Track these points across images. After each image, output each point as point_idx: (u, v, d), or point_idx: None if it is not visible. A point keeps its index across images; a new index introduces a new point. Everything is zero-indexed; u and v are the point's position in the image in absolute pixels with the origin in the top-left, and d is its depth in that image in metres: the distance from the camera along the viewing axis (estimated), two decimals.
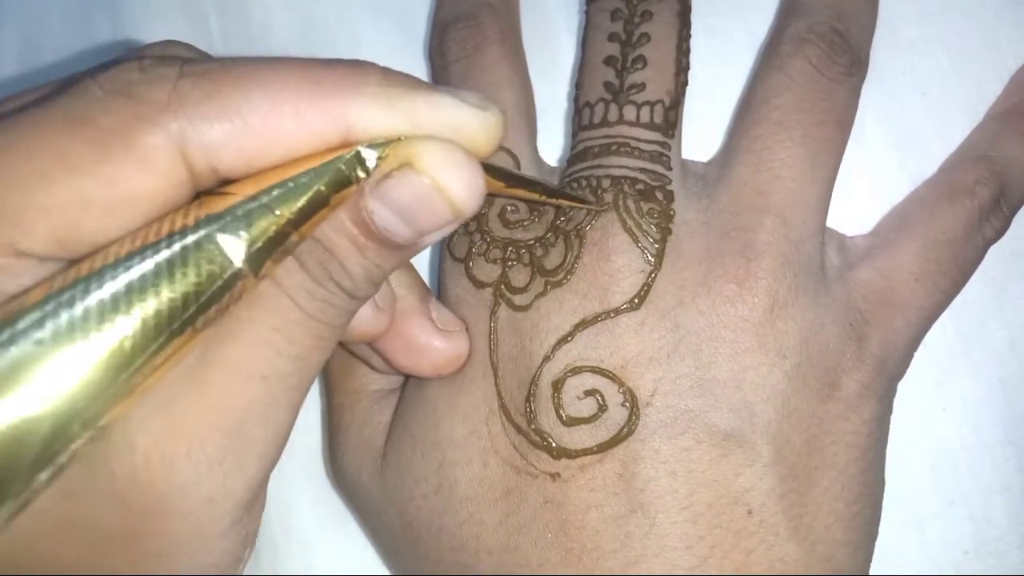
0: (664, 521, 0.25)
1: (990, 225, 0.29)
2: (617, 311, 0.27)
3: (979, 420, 0.31)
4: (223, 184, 0.20)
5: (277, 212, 0.20)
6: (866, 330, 0.27)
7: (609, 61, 0.30)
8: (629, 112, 0.29)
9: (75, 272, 0.19)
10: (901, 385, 0.29)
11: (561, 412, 0.27)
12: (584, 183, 0.29)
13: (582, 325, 0.27)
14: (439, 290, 0.31)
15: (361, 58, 0.34)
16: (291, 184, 0.20)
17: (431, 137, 0.20)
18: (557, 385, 0.27)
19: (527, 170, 0.30)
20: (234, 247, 0.19)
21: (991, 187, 0.29)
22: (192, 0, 0.37)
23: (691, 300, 0.27)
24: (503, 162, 0.30)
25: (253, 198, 0.20)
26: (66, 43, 0.39)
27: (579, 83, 0.31)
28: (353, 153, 0.20)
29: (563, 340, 0.27)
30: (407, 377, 0.31)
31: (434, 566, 0.28)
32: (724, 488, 0.26)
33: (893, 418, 0.29)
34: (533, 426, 0.27)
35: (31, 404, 0.18)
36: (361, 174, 0.20)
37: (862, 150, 0.30)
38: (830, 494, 0.26)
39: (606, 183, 0.29)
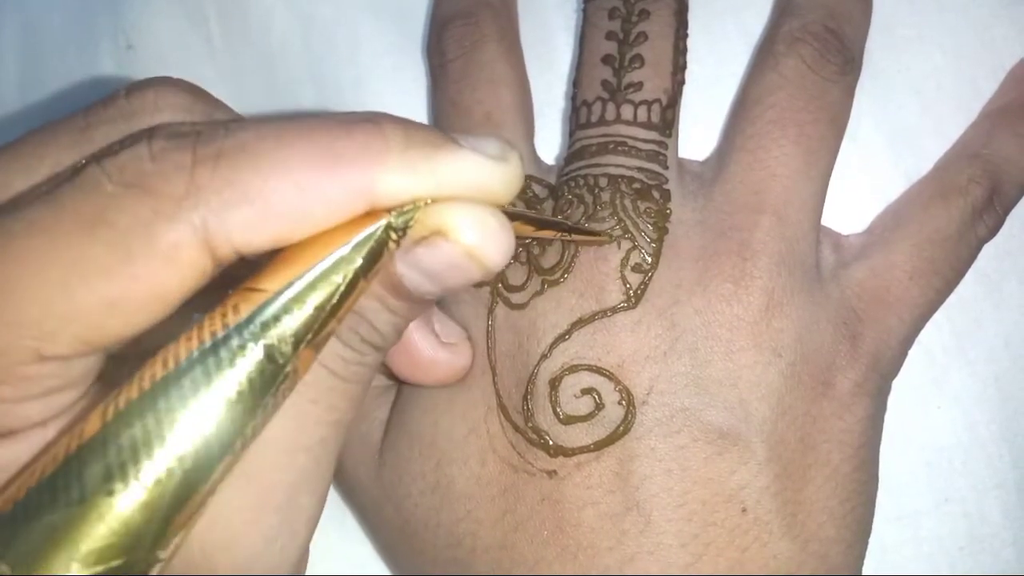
0: (659, 519, 0.26)
1: (984, 223, 0.29)
2: (614, 310, 0.27)
3: (973, 417, 0.31)
4: (247, 276, 0.19)
5: (315, 304, 0.19)
6: (860, 328, 0.28)
7: (607, 60, 0.30)
8: (626, 111, 0.29)
9: (124, 399, 0.18)
10: (896, 383, 0.29)
11: (558, 410, 0.27)
12: (581, 182, 0.29)
13: (579, 324, 0.27)
14: None
15: (360, 60, 0.35)
16: (323, 270, 0.19)
17: (460, 203, 0.20)
18: (554, 383, 0.27)
19: (525, 168, 0.30)
20: (276, 350, 0.19)
21: (984, 185, 0.29)
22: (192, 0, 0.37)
23: (687, 299, 0.27)
24: None
25: (288, 292, 0.19)
26: (67, 42, 0.39)
27: (576, 81, 0.31)
28: (383, 227, 0.19)
29: (560, 338, 0.27)
30: None
31: (431, 562, 0.28)
32: (719, 486, 0.26)
33: (888, 415, 0.29)
34: (530, 424, 0.27)
35: (111, 551, 0.18)
36: (392, 244, 0.20)
37: (856, 149, 0.31)
38: (823, 492, 0.26)
39: (603, 182, 0.29)
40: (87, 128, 0.21)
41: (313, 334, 0.19)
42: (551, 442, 0.27)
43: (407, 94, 0.35)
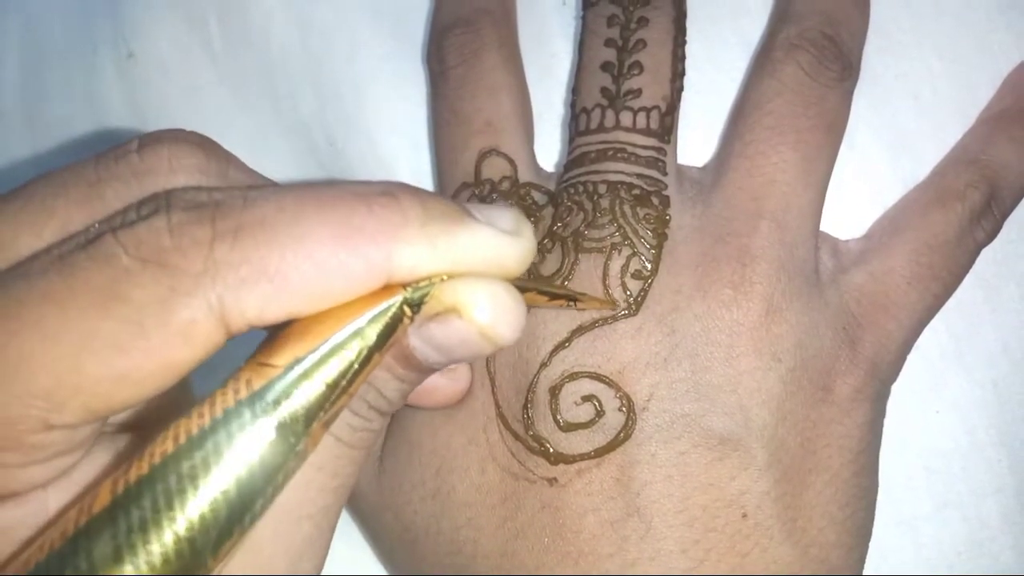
0: (660, 525, 0.26)
1: (981, 228, 0.29)
2: (614, 316, 0.27)
3: (972, 422, 0.31)
4: (263, 351, 0.19)
5: (327, 380, 0.19)
6: (859, 333, 0.28)
7: (606, 67, 0.30)
8: (625, 118, 0.30)
9: (135, 474, 0.18)
10: (895, 387, 0.29)
11: (558, 418, 0.27)
12: (581, 188, 0.29)
13: (579, 331, 0.27)
14: None
15: (360, 66, 0.35)
16: (337, 345, 0.19)
17: (475, 280, 0.19)
18: (554, 391, 0.27)
19: (524, 175, 0.31)
20: (288, 428, 0.18)
21: (982, 190, 0.29)
22: (192, 4, 0.37)
23: (687, 305, 0.27)
24: (501, 168, 0.31)
25: (300, 368, 0.18)
26: (68, 49, 0.39)
27: (576, 88, 0.31)
28: (399, 303, 0.19)
29: (560, 346, 0.27)
30: None
31: (431, 569, 0.29)
32: (719, 491, 0.26)
33: (887, 420, 0.29)
34: (531, 432, 0.27)
35: None
36: (406, 320, 0.19)
37: (854, 154, 0.31)
38: (824, 497, 0.27)
39: (602, 188, 0.29)
40: (98, 183, 0.21)
41: (325, 411, 0.19)
42: (551, 449, 0.27)
43: (407, 101, 0.35)
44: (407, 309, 0.19)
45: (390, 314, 0.19)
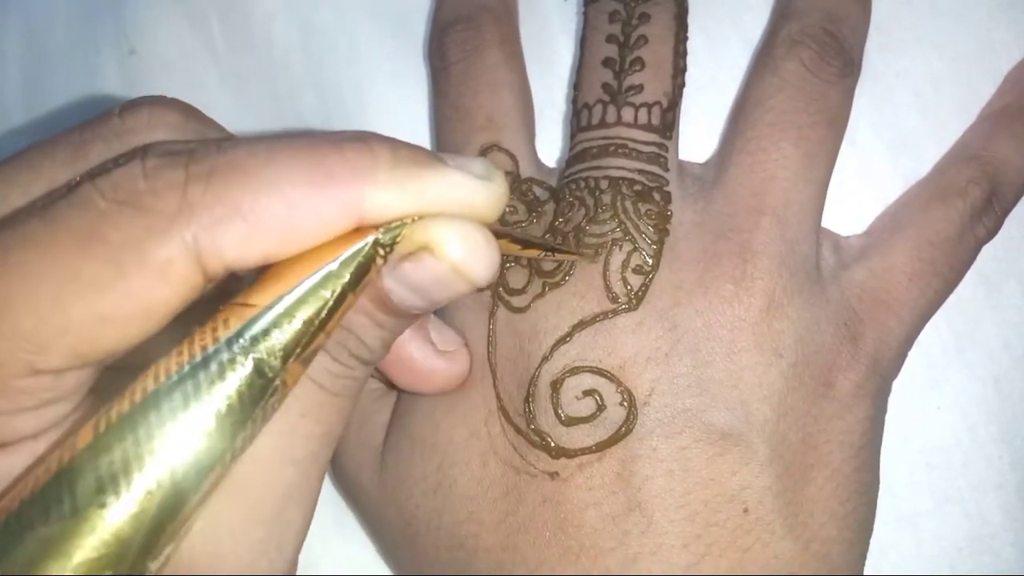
0: (661, 519, 0.26)
1: (982, 225, 0.29)
2: (615, 311, 0.27)
3: (973, 418, 0.31)
4: (237, 291, 0.20)
5: (304, 319, 0.19)
6: (860, 329, 0.28)
7: (607, 63, 0.30)
8: (627, 114, 0.30)
9: (116, 412, 0.18)
10: (896, 384, 0.29)
11: (560, 412, 0.27)
12: (582, 184, 0.29)
13: (580, 326, 0.27)
14: None
15: (361, 64, 0.35)
16: (312, 285, 0.19)
17: (446, 219, 0.20)
18: (556, 385, 0.27)
19: (526, 170, 0.31)
20: (268, 363, 0.19)
21: (983, 187, 0.29)
22: (194, 5, 0.37)
23: (688, 300, 0.27)
24: (503, 164, 0.31)
25: (277, 307, 0.19)
26: (70, 48, 0.39)
27: (577, 85, 0.31)
28: (371, 243, 0.20)
29: (561, 341, 0.27)
30: None
31: (433, 564, 0.29)
32: (720, 486, 0.26)
33: (888, 416, 0.29)
34: (532, 426, 0.27)
35: (102, 562, 0.18)
36: (379, 260, 0.20)
37: (856, 151, 0.31)
38: (825, 492, 0.27)
39: (604, 184, 0.29)
40: (82, 145, 0.22)
41: (302, 348, 0.19)
42: (553, 444, 0.27)
43: (408, 98, 0.35)
44: (380, 249, 0.20)
45: (362, 254, 0.20)
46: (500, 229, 0.23)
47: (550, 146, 0.33)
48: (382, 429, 0.31)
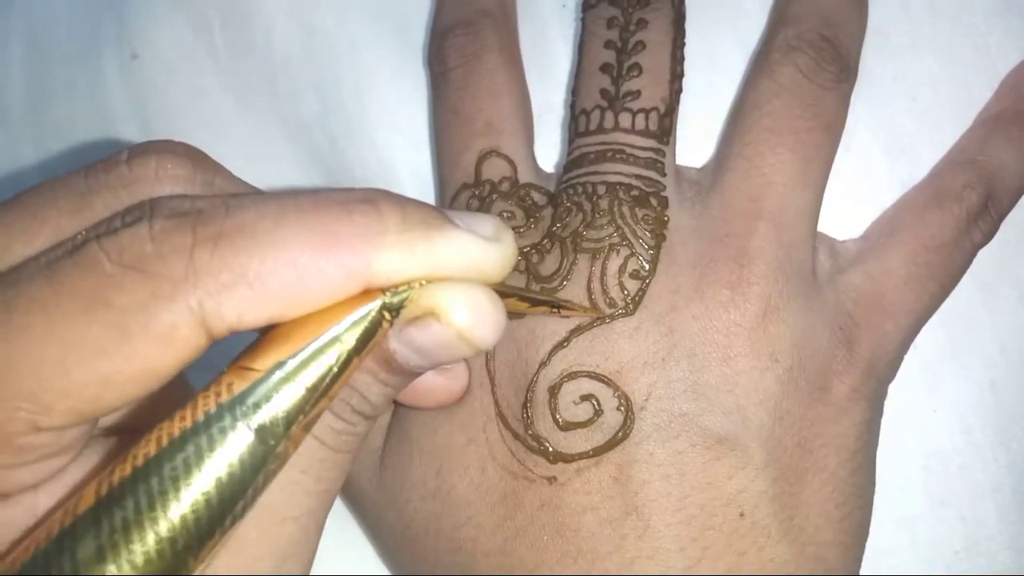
0: (658, 523, 0.26)
1: (979, 229, 0.29)
2: (612, 316, 0.28)
3: (969, 422, 0.31)
4: (245, 355, 0.20)
5: (306, 384, 0.19)
6: (856, 334, 0.28)
7: (605, 68, 0.30)
8: (625, 119, 0.30)
9: (119, 475, 0.18)
10: (892, 387, 0.29)
11: (557, 417, 0.27)
12: (580, 189, 0.29)
13: (577, 331, 0.28)
14: None
15: (361, 68, 0.35)
16: (317, 349, 0.19)
17: (453, 284, 0.20)
18: (553, 390, 0.27)
19: (524, 176, 0.31)
20: (268, 431, 0.19)
21: (979, 192, 0.29)
22: (196, 9, 0.37)
23: (685, 305, 0.28)
24: (502, 169, 0.31)
25: (280, 373, 0.19)
26: (72, 52, 0.39)
27: (575, 90, 0.31)
28: (378, 308, 0.20)
29: (559, 346, 0.28)
30: None
31: (432, 568, 0.29)
32: (717, 490, 0.26)
33: (884, 419, 0.29)
34: (530, 431, 0.27)
35: None
36: (385, 324, 0.20)
37: (852, 155, 0.31)
38: (820, 496, 0.27)
39: (602, 189, 0.29)
40: (87, 193, 0.22)
41: (304, 414, 0.19)
42: (550, 448, 0.27)
43: (408, 103, 0.35)
44: (386, 314, 0.20)
45: (369, 318, 0.19)
46: (507, 289, 0.23)
47: (548, 151, 0.33)
48: (382, 433, 0.31)
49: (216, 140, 0.27)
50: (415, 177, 0.35)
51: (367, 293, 0.19)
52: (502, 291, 0.21)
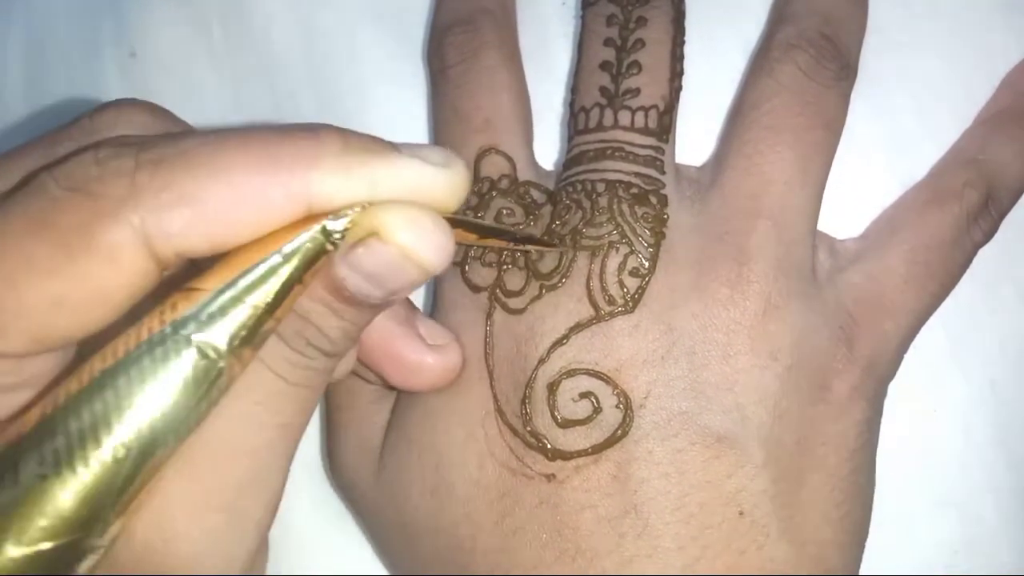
0: (657, 522, 0.26)
1: (979, 228, 0.29)
2: (611, 314, 0.27)
3: (969, 422, 0.31)
4: (192, 278, 0.20)
5: (252, 303, 0.20)
6: (856, 333, 0.28)
7: (604, 66, 0.30)
8: (624, 117, 0.30)
9: (64, 392, 0.19)
10: (892, 386, 0.29)
11: (556, 414, 0.27)
12: (579, 187, 0.29)
13: (577, 328, 0.27)
14: (434, 294, 0.31)
15: (360, 66, 0.35)
16: (261, 270, 0.20)
17: (394, 204, 0.20)
18: (552, 387, 0.27)
19: (523, 173, 0.31)
20: (213, 346, 0.19)
21: (979, 190, 0.29)
22: (195, 7, 0.37)
23: (684, 303, 0.27)
24: (500, 166, 0.31)
25: (225, 291, 0.19)
26: (71, 50, 0.39)
27: (575, 87, 0.31)
28: (319, 229, 0.20)
29: (558, 343, 0.27)
30: None
31: (430, 566, 0.29)
32: (716, 489, 0.26)
33: (884, 419, 0.29)
34: (529, 428, 0.27)
35: (43, 533, 0.19)
36: (329, 246, 0.20)
37: (852, 154, 0.31)
38: (820, 495, 0.27)
39: (601, 187, 0.29)
40: (53, 144, 0.22)
41: (248, 331, 0.20)
42: (549, 446, 0.27)
43: (407, 100, 0.35)
44: (329, 236, 0.20)
45: (310, 238, 0.20)
46: (457, 217, 0.23)
47: (548, 149, 0.33)
48: (380, 430, 0.31)
49: None
50: None
51: (311, 219, 0.20)
52: (452, 219, 0.21)
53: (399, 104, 0.35)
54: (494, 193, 0.30)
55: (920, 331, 0.29)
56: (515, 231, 0.27)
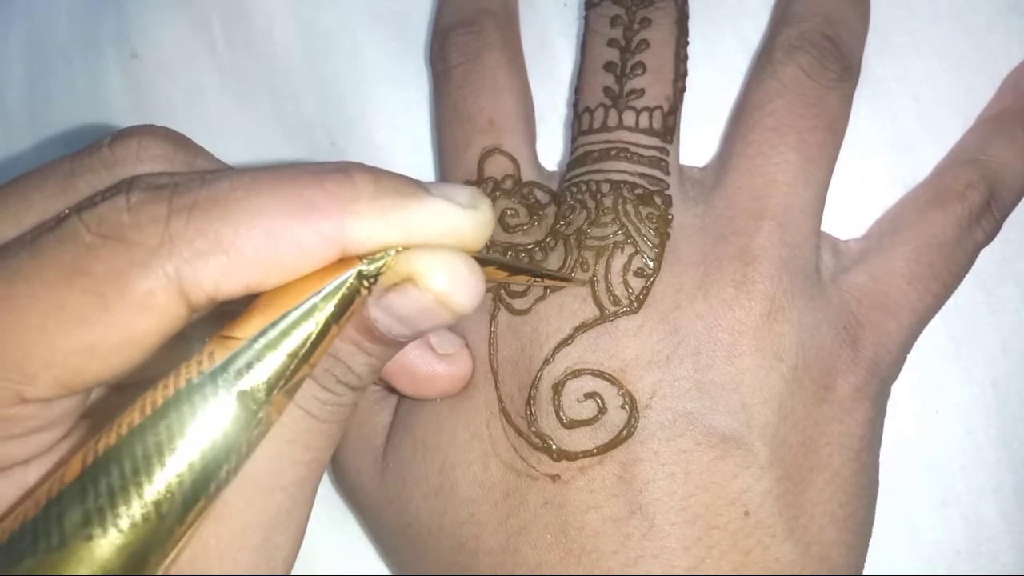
0: (662, 522, 0.26)
1: (981, 228, 0.29)
2: (616, 314, 0.27)
3: (971, 422, 0.31)
4: (223, 319, 0.20)
5: (288, 351, 0.19)
6: (860, 333, 0.28)
7: (608, 67, 0.30)
8: (628, 118, 0.30)
9: (104, 444, 0.19)
10: (895, 387, 0.29)
11: (561, 415, 0.27)
12: (584, 187, 0.29)
13: (582, 328, 0.28)
14: None
15: (361, 67, 0.35)
16: (296, 316, 0.19)
17: (430, 249, 0.20)
18: (557, 388, 0.27)
19: (527, 174, 0.31)
20: (252, 396, 0.19)
21: (982, 191, 0.29)
22: (196, 7, 0.37)
23: (689, 303, 0.27)
24: (504, 167, 0.31)
25: (261, 339, 0.19)
26: (72, 51, 0.39)
27: (579, 88, 0.31)
28: (354, 275, 0.20)
29: (563, 343, 0.27)
30: None
31: (433, 566, 0.29)
32: (722, 489, 0.26)
33: (887, 419, 0.29)
34: (533, 428, 0.27)
35: None
36: (363, 290, 0.20)
37: (855, 155, 0.31)
38: (825, 495, 0.27)
39: (605, 187, 0.29)
40: (72, 176, 0.22)
41: (286, 380, 0.20)
42: (554, 446, 0.27)
43: (409, 101, 0.35)
44: (364, 280, 0.20)
45: (346, 285, 0.20)
46: (486, 257, 0.23)
47: (551, 149, 0.33)
48: (384, 430, 0.31)
49: (215, 138, 0.27)
50: (416, 175, 0.34)
51: (345, 262, 0.20)
52: (481, 259, 0.21)
53: (401, 103, 0.35)
54: (498, 193, 0.30)
55: (923, 332, 0.29)
56: (539, 269, 0.27)
